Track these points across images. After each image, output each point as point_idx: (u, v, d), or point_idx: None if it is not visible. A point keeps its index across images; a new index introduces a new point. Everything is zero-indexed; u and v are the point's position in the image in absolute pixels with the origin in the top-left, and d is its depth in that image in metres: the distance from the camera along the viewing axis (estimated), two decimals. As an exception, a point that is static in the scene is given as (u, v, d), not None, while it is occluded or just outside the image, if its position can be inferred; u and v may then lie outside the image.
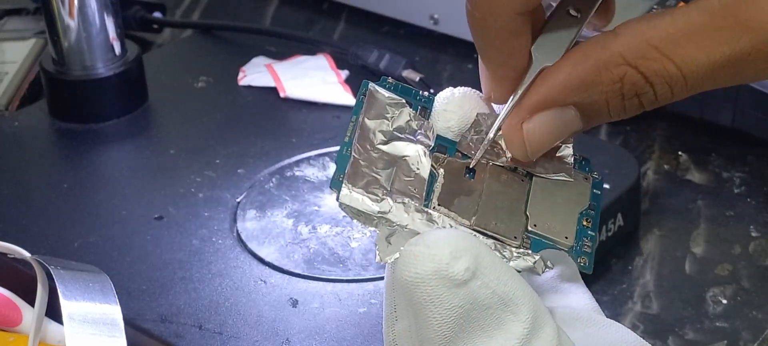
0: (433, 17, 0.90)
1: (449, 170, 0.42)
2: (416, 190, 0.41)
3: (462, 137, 0.43)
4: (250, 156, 0.71)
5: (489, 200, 0.42)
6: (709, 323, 0.61)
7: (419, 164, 0.42)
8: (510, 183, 0.42)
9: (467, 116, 0.43)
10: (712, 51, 0.36)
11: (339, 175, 0.41)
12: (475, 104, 0.44)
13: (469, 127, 0.43)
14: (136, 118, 0.78)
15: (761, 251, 0.67)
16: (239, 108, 0.79)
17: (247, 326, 0.57)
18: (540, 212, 0.42)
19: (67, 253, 0.63)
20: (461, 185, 0.42)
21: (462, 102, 0.44)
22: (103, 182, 0.71)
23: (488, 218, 0.41)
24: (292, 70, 0.82)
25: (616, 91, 0.38)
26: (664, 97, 0.38)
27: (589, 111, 0.39)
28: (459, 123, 0.43)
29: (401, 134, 0.42)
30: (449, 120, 0.43)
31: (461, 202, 0.41)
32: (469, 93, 0.44)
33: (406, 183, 0.41)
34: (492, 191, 0.42)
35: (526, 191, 0.42)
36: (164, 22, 0.94)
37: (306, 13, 0.98)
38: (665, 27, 0.37)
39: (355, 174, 0.41)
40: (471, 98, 0.44)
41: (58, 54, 0.77)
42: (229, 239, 0.64)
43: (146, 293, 0.59)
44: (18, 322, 0.59)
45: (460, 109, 0.44)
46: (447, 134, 0.43)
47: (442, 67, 0.88)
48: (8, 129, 0.77)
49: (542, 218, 0.42)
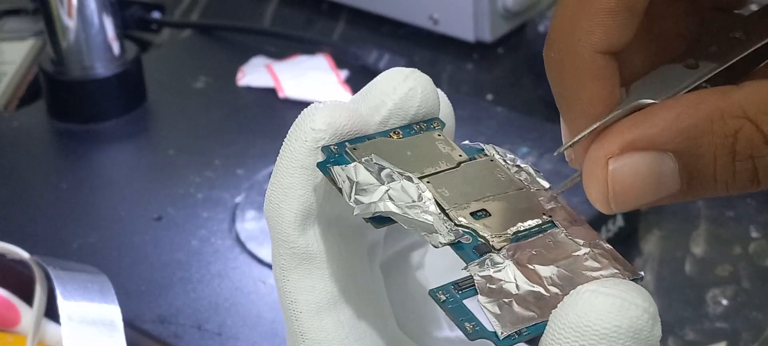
0: (432, 17, 0.89)
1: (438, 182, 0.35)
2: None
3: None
4: (249, 156, 0.71)
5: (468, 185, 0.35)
6: (709, 323, 0.61)
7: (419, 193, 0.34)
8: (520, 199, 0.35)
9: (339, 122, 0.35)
10: None
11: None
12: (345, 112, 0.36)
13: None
14: (135, 118, 0.78)
15: (761, 252, 0.67)
16: (238, 108, 0.79)
17: (246, 326, 0.57)
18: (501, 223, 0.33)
19: (66, 253, 0.62)
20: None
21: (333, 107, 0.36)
22: (102, 182, 0.71)
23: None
24: (292, 70, 0.82)
25: (728, 146, 0.31)
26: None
27: (691, 167, 0.31)
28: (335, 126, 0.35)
29: (373, 182, 0.34)
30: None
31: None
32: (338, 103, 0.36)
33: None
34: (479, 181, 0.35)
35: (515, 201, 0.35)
36: (163, 22, 0.94)
37: (305, 13, 0.98)
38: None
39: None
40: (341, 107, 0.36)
41: (57, 54, 0.77)
42: (228, 239, 0.64)
43: (145, 294, 0.59)
44: (16, 322, 0.58)
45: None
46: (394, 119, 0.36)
47: (441, 67, 0.88)
48: (7, 129, 0.77)
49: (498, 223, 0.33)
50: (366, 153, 0.35)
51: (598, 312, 0.29)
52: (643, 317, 0.29)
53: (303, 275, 0.36)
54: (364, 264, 0.37)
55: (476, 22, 0.87)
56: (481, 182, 0.35)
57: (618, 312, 0.29)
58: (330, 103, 0.35)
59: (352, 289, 0.36)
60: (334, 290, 0.36)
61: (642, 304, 0.30)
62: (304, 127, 0.35)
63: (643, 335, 0.30)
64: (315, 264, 0.35)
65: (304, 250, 0.35)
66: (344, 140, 0.35)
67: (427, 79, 0.37)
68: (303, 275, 0.36)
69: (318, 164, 0.34)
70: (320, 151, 0.35)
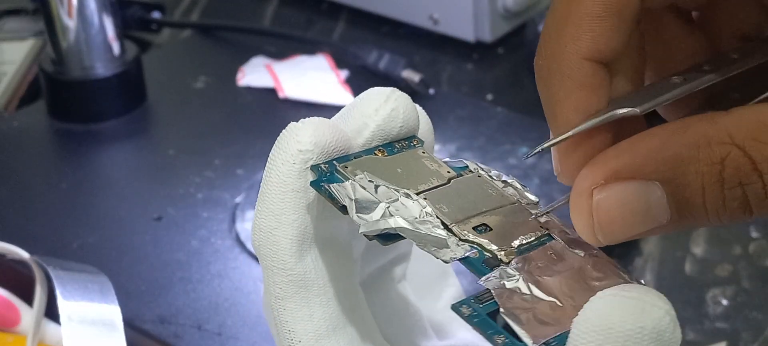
0: (432, 17, 0.89)
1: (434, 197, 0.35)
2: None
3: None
4: (249, 156, 0.71)
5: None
6: (709, 323, 0.61)
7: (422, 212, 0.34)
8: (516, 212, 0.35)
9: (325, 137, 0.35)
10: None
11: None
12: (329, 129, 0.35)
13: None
14: (135, 118, 0.78)
15: (761, 252, 0.67)
16: (238, 108, 0.79)
17: (246, 326, 0.57)
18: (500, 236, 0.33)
19: (66, 253, 0.62)
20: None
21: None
22: (102, 182, 0.71)
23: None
24: (292, 70, 0.82)
25: (715, 174, 0.30)
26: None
27: (679, 196, 0.30)
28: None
29: (373, 200, 0.34)
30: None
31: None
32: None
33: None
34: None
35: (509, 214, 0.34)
36: (163, 22, 0.94)
37: (305, 13, 0.98)
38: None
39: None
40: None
41: (57, 54, 0.77)
42: (228, 239, 0.64)
43: (145, 294, 0.59)
44: (16, 322, 0.58)
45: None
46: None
47: (441, 67, 0.88)
48: (7, 129, 0.77)
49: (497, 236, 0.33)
50: (357, 171, 0.34)
51: (621, 314, 0.29)
52: (665, 319, 0.30)
53: (300, 303, 0.34)
54: (356, 284, 0.37)
55: (476, 22, 0.87)
56: (474, 197, 0.35)
57: (641, 314, 0.29)
58: (312, 121, 0.34)
59: (349, 312, 0.36)
60: (332, 316, 0.35)
61: (663, 306, 0.30)
62: (290, 149, 0.34)
63: (666, 336, 0.30)
64: (313, 291, 0.35)
65: (302, 277, 0.34)
66: (332, 159, 0.34)
67: (407, 98, 0.36)
68: (300, 304, 0.34)
69: (311, 183, 0.34)
70: (310, 171, 0.34)
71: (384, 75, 0.80)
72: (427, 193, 0.34)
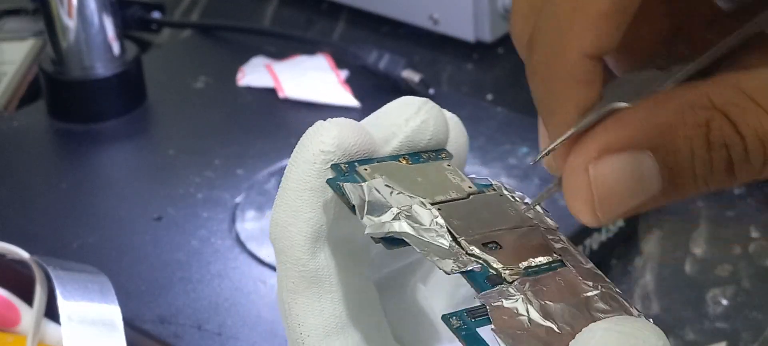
0: (432, 17, 0.89)
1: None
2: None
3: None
4: (249, 156, 0.71)
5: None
6: (709, 323, 0.61)
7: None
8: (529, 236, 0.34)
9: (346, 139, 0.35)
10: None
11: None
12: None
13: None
14: (135, 118, 0.78)
15: (761, 252, 0.67)
16: (238, 108, 0.79)
17: (246, 326, 0.57)
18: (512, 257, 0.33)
19: (66, 253, 0.62)
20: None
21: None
22: (102, 182, 0.71)
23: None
24: (292, 70, 0.82)
25: (702, 136, 0.31)
26: (756, 158, 0.31)
27: (671, 163, 0.31)
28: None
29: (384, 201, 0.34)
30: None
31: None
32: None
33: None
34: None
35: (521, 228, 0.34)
36: (163, 22, 0.94)
37: (305, 13, 0.98)
38: (766, 78, 0.31)
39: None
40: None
41: (57, 54, 0.77)
42: (228, 239, 0.64)
43: (145, 294, 0.59)
44: (16, 322, 0.59)
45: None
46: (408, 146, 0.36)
47: (441, 67, 0.88)
48: (7, 129, 0.77)
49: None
50: (376, 174, 0.34)
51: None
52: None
53: (312, 298, 0.35)
54: (369, 284, 0.37)
55: (476, 22, 0.87)
56: (491, 215, 0.35)
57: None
58: (337, 122, 0.35)
59: (358, 311, 0.36)
60: (342, 313, 0.35)
61: (656, 342, 0.29)
62: (312, 147, 0.34)
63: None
64: (324, 287, 0.35)
65: (314, 273, 0.35)
66: (353, 160, 0.35)
67: (439, 110, 0.36)
68: (312, 299, 0.35)
69: (328, 181, 0.34)
70: (330, 169, 0.34)
71: (384, 75, 0.80)
72: (442, 204, 0.34)
